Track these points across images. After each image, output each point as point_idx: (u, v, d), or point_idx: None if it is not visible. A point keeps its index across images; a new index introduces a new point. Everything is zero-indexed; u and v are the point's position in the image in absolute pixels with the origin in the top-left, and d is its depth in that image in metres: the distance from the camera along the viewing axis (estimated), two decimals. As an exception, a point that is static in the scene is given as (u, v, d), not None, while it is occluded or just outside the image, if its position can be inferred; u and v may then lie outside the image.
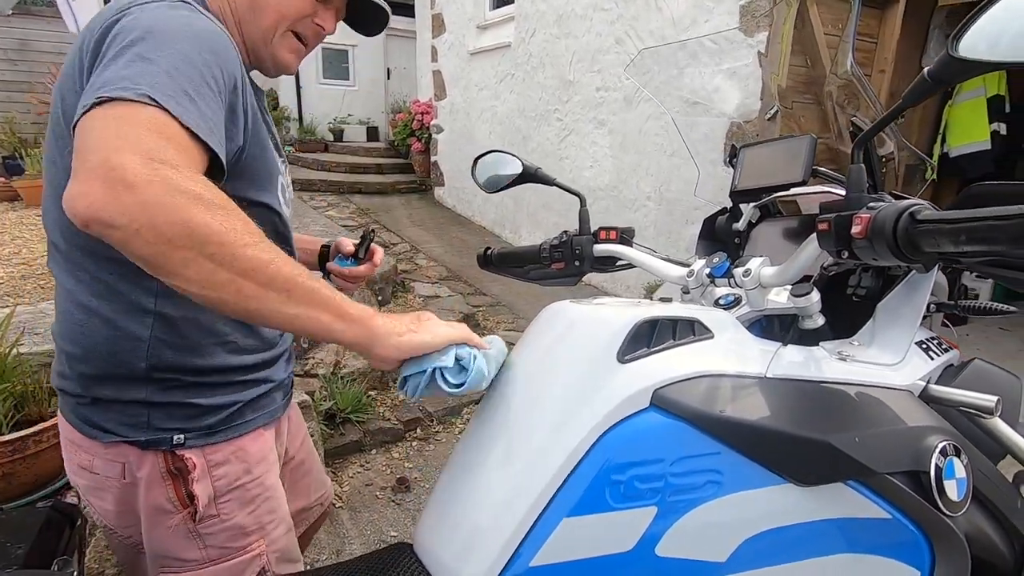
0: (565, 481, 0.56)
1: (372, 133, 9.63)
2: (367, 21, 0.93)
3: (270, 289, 0.55)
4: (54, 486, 1.78)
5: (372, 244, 1.08)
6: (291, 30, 0.84)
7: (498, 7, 5.64)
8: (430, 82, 6.70)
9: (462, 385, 0.63)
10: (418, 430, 2.57)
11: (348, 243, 1.09)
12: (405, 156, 7.72)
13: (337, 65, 9.59)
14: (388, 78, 10.14)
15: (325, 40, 0.90)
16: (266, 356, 0.88)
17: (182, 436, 0.78)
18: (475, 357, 0.64)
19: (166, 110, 0.56)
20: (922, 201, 0.55)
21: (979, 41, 0.49)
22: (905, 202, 0.56)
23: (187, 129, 0.58)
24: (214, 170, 0.63)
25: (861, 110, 0.94)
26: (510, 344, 0.71)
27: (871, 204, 0.58)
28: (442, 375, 0.63)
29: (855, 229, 0.57)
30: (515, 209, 5.32)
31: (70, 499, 1.75)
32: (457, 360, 0.64)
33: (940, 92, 0.63)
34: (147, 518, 0.81)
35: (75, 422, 0.79)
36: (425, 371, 0.62)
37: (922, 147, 3.46)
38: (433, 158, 6.88)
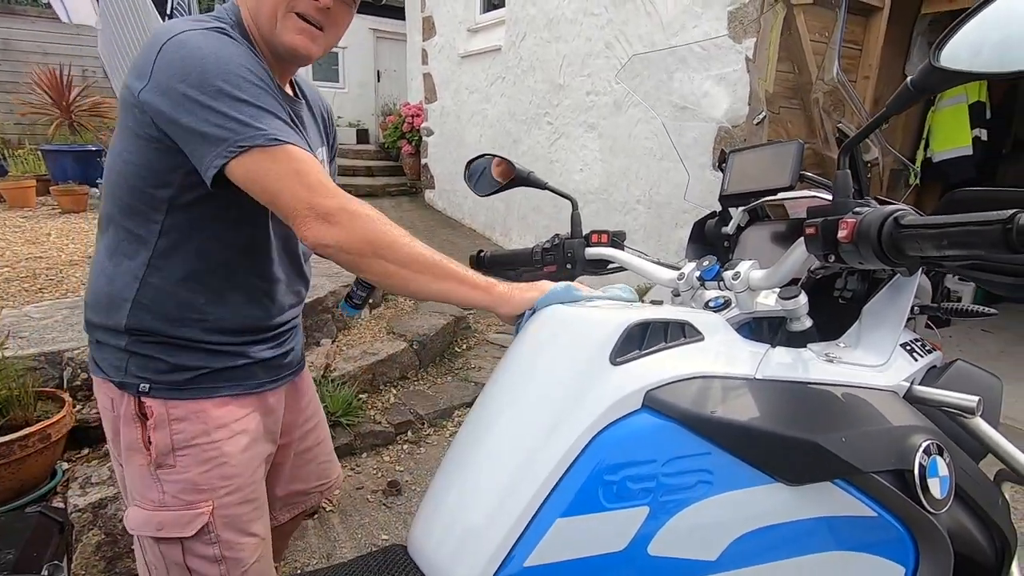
0: (558, 482, 0.57)
1: (362, 135, 9.60)
2: None
3: (422, 273, 0.77)
4: (40, 491, 1.76)
5: None
6: (292, 12, 0.87)
7: (488, 11, 5.66)
8: (420, 85, 6.70)
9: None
10: (409, 433, 2.56)
11: None
12: (395, 159, 7.71)
13: (327, 67, 9.56)
14: (378, 80, 10.12)
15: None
16: (247, 339, 0.95)
17: (147, 385, 0.89)
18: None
19: (290, 144, 0.77)
20: (906, 206, 0.56)
21: (960, 51, 0.51)
22: (890, 207, 0.57)
23: (302, 148, 0.79)
24: None
25: (847, 116, 0.96)
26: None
27: (857, 209, 0.59)
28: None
29: (841, 233, 0.59)
30: (506, 212, 5.33)
31: (57, 504, 1.73)
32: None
33: (923, 100, 0.65)
34: (125, 452, 0.92)
35: (89, 357, 0.96)
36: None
37: (906, 152, 3.52)
38: (423, 161, 6.88)
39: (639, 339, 0.63)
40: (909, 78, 0.56)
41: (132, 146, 0.84)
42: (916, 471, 0.56)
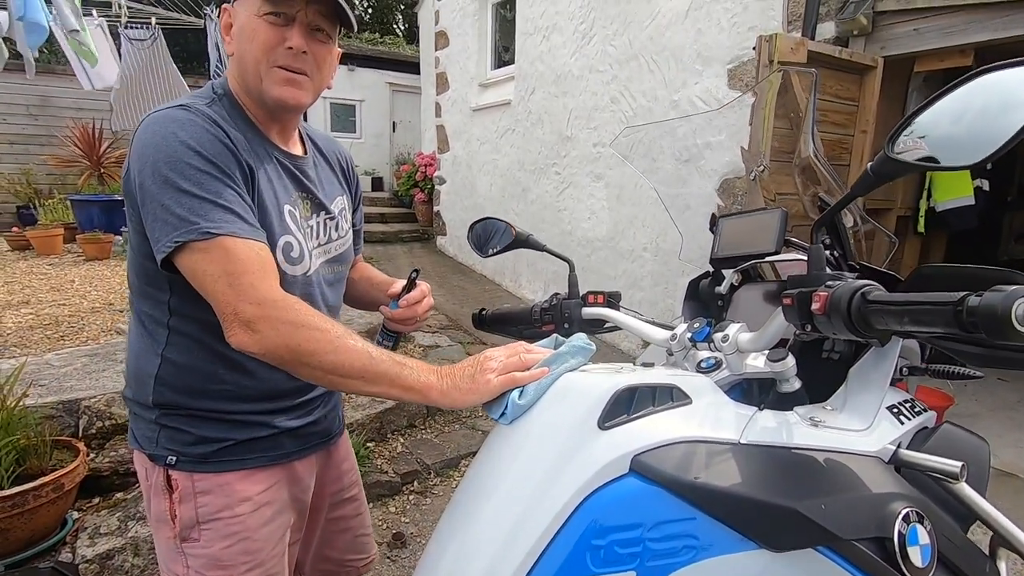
0: (548, 546, 0.59)
1: (376, 183, 9.89)
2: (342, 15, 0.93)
3: (351, 378, 0.76)
4: (50, 541, 1.78)
5: (416, 283, 1.11)
6: (274, 66, 0.87)
7: (499, 67, 5.92)
8: (434, 135, 6.95)
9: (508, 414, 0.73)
10: (415, 483, 2.55)
11: (398, 285, 1.13)
12: (408, 206, 7.91)
13: (344, 119, 9.94)
14: (393, 131, 10.48)
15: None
16: (272, 406, 0.94)
17: (175, 458, 0.90)
18: (515, 398, 0.73)
19: (225, 235, 0.78)
20: (872, 282, 0.59)
21: (911, 143, 0.56)
22: (859, 282, 0.60)
23: (241, 238, 0.79)
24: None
25: (825, 188, 1.01)
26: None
27: (829, 283, 0.63)
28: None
29: (815, 306, 0.62)
30: (515, 259, 5.42)
31: (65, 554, 1.74)
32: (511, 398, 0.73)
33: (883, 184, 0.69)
34: (153, 523, 0.93)
35: (130, 429, 0.97)
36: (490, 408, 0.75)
37: (908, 203, 3.56)
38: (436, 208, 7.05)
39: (627, 403, 0.66)
40: (869, 165, 0.60)
41: (134, 231, 0.88)
42: (896, 539, 0.57)
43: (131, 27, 5.49)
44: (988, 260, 4.41)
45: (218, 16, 0.97)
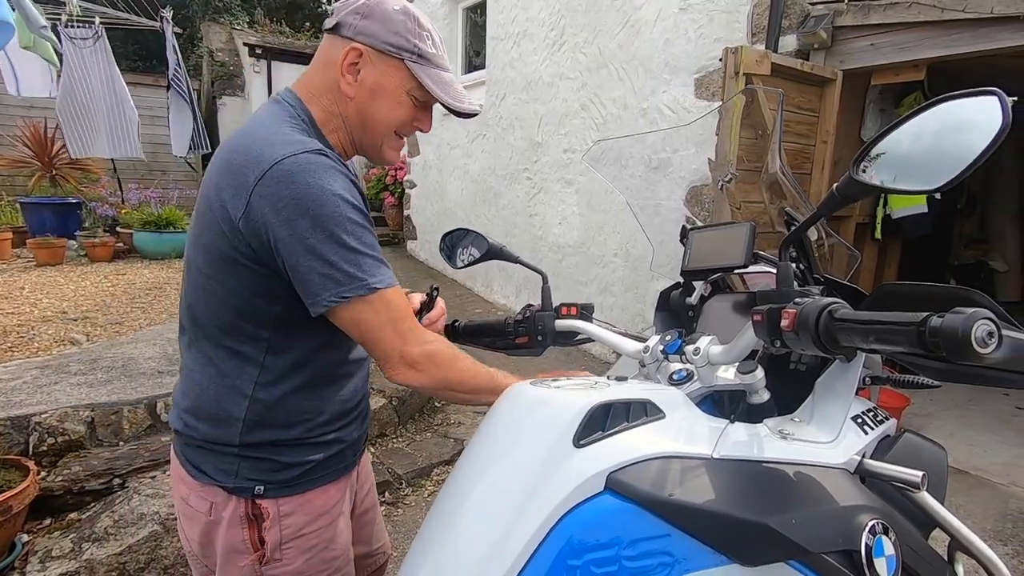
0: (524, 567, 0.58)
1: (346, 186, 9.73)
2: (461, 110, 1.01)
3: (482, 394, 0.89)
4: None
5: (436, 301, 1.13)
6: (398, 134, 0.97)
7: (470, 71, 5.91)
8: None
9: None
10: (387, 494, 2.51)
11: (416, 300, 1.16)
12: (378, 210, 7.82)
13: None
14: (363, 134, 10.36)
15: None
16: (340, 423, 0.98)
17: (262, 487, 0.90)
18: None
19: (388, 286, 0.84)
20: (839, 300, 0.61)
21: (874, 166, 0.57)
22: (825, 300, 0.62)
23: (394, 287, 0.85)
24: None
25: (791, 202, 1.04)
26: None
27: (797, 300, 0.64)
28: None
29: (784, 323, 0.63)
30: (487, 264, 5.37)
31: (13, 582, 1.65)
32: None
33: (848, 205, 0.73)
34: (223, 554, 0.92)
35: (182, 460, 0.94)
36: None
37: (866, 210, 3.70)
38: (406, 212, 6.99)
39: (602, 420, 0.66)
40: (835, 186, 0.62)
41: (227, 268, 0.84)
42: (863, 551, 0.59)
43: (72, 26, 5.23)
44: (940, 265, 4.61)
45: (328, 34, 0.93)
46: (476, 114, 1.00)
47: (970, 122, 0.52)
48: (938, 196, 3.51)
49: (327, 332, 0.89)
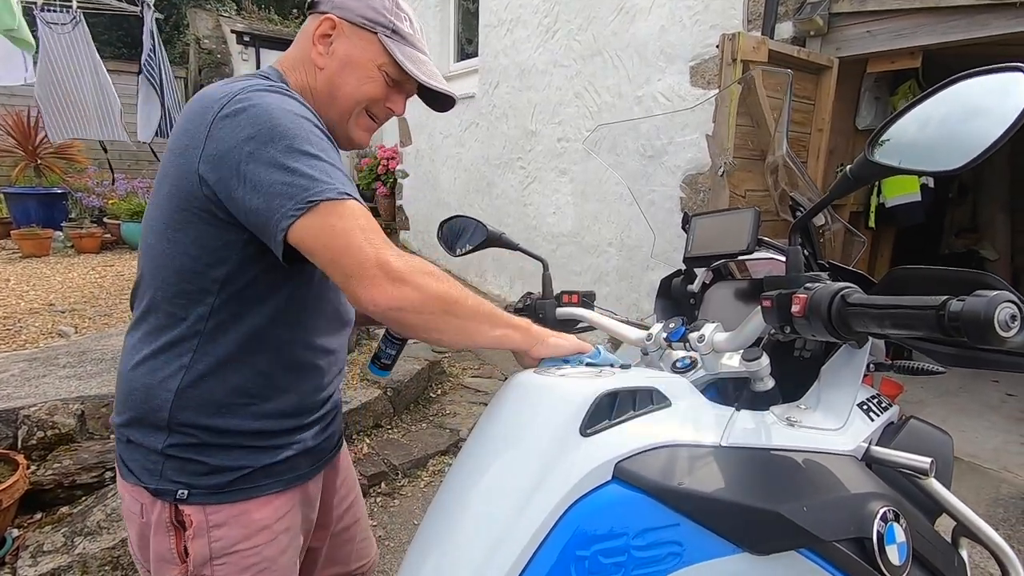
0: (531, 559, 0.57)
1: (337, 176, 9.64)
2: (436, 101, 0.99)
3: (484, 323, 0.79)
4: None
5: None
6: (367, 113, 0.92)
7: (462, 59, 5.84)
8: (395, 128, 6.81)
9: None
10: (383, 485, 2.50)
11: None
12: (370, 200, 7.75)
13: (302, 110, 9.65)
14: (354, 123, 10.25)
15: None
16: (295, 423, 0.89)
17: (185, 491, 0.81)
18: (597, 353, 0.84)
19: (355, 198, 0.75)
20: (851, 284, 0.60)
21: (891, 147, 0.56)
22: (838, 284, 0.61)
23: (363, 206, 0.76)
24: None
25: (798, 187, 1.02)
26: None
27: (808, 285, 0.63)
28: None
29: (795, 308, 0.62)
30: (481, 254, 5.34)
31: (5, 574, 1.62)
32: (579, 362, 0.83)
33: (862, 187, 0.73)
34: (154, 562, 0.84)
35: (116, 456, 0.88)
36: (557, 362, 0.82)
37: (860, 199, 3.70)
38: (399, 202, 6.93)
39: (609, 408, 0.65)
40: (848, 168, 0.60)
41: (179, 222, 0.78)
42: (875, 538, 0.58)
43: (48, 9, 5.05)
44: (932, 254, 4.64)
45: (310, 14, 0.92)
46: (451, 100, 0.96)
47: (990, 100, 0.50)
48: (931, 185, 3.52)
49: (283, 301, 0.83)
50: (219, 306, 0.80)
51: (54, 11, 5.09)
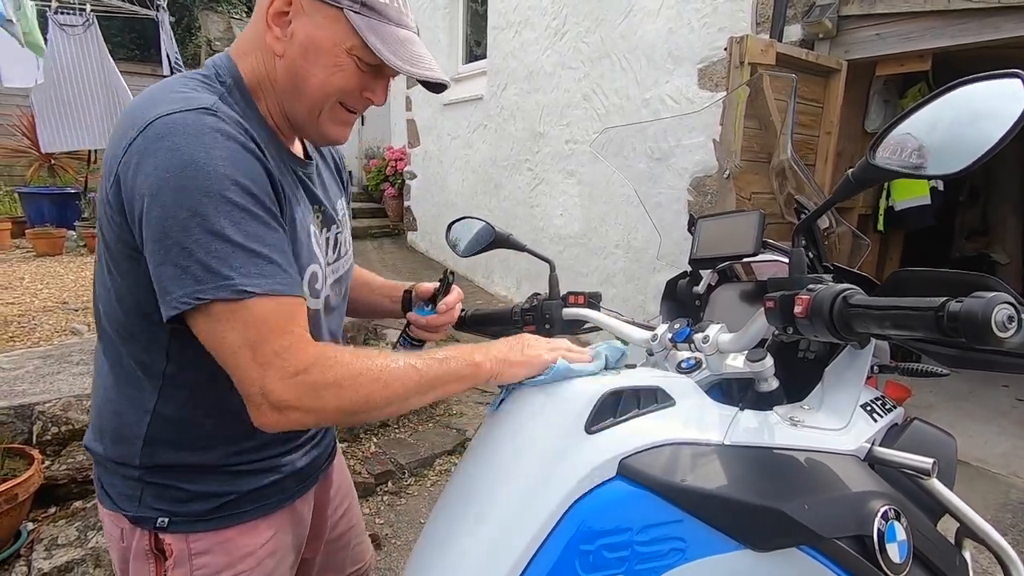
0: (536, 553, 0.59)
1: (345, 178, 9.68)
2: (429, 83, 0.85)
3: (408, 400, 0.70)
4: (3, 554, 1.69)
5: (451, 286, 1.03)
6: (341, 104, 0.78)
7: (471, 61, 5.87)
8: (404, 130, 6.85)
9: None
10: (389, 484, 2.52)
11: (428, 288, 1.06)
12: (378, 201, 7.79)
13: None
14: (363, 124, 10.30)
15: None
16: (280, 449, 0.84)
17: (166, 519, 0.77)
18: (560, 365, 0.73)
19: (261, 295, 0.64)
20: (853, 286, 0.61)
21: (892, 151, 0.57)
22: (840, 286, 0.61)
23: (276, 296, 0.65)
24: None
25: (803, 190, 1.03)
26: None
27: (811, 286, 0.64)
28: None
29: (797, 309, 0.63)
30: (487, 256, 5.34)
31: (19, 570, 1.65)
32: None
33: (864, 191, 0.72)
34: None
35: (95, 479, 0.83)
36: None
37: (868, 202, 3.69)
38: (406, 203, 6.96)
39: (613, 406, 0.66)
40: (850, 171, 0.61)
41: (115, 256, 0.70)
42: (875, 537, 0.59)
43: (61, 12, 5.04)
44: (942, 257, 4.61)
45: None
46: (441, 83, 0.82)
47: (990, 105, 0.51)
48: (941, 187, 3.51)
49: None
50: (176, 349, 0.73)
51: (68, 14, 5.14)
